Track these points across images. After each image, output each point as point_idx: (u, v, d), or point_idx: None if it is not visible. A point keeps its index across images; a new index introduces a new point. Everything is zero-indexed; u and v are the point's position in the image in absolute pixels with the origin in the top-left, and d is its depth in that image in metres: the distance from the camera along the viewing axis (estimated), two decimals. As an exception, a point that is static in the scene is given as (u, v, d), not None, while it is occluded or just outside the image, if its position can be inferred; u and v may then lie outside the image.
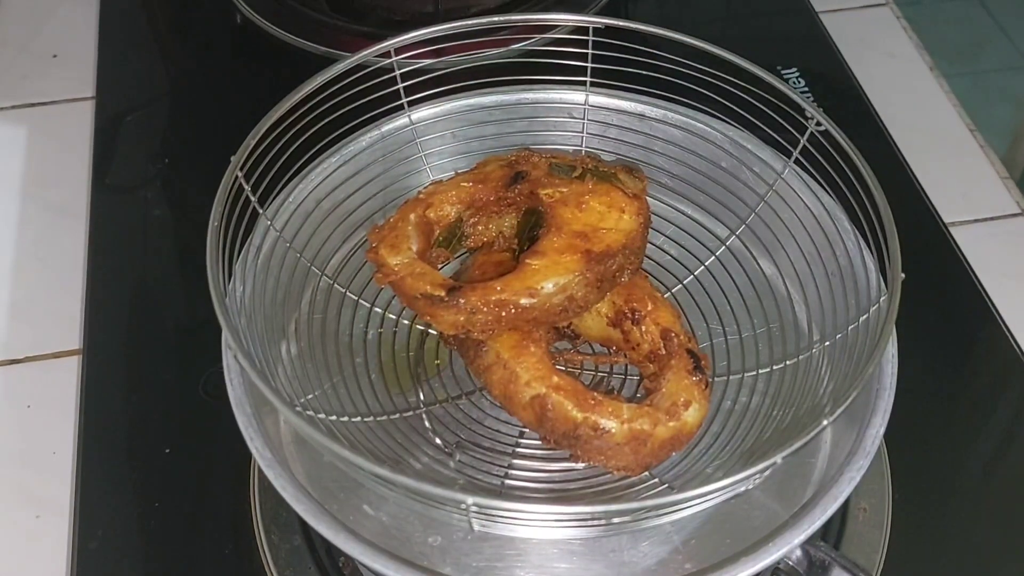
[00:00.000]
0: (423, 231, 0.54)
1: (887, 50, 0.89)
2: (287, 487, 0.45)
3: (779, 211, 0.57)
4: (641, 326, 0.52)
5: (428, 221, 0.54)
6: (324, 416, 0.50)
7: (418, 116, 0.60)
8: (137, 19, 0.91)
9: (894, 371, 0.49)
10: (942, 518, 0.59)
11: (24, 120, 0.82)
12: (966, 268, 0.71)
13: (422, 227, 0.54)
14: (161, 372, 0.65)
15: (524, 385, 0.49)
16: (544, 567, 0.48)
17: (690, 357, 0.51)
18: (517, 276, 0.50)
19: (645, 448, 0.48)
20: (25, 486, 0.61)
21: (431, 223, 0.54)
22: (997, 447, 0.62)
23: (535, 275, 0.50)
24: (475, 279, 0.53)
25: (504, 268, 0.53)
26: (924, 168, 0.77)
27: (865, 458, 0.46)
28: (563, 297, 0.50)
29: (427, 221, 0.54)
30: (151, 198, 0.76)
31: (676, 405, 0.49)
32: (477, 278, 0.53)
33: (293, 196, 0.56)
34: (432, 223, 0.54)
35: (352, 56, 0.55)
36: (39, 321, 0.69)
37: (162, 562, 0.57)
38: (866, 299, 0.51)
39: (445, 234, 0.55)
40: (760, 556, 0.43)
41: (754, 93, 0.56)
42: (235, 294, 0.50)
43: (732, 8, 0.95)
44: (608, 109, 0.61)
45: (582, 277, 0.50)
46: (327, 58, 0.84)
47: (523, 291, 0.49)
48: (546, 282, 0.49)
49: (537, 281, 0.49)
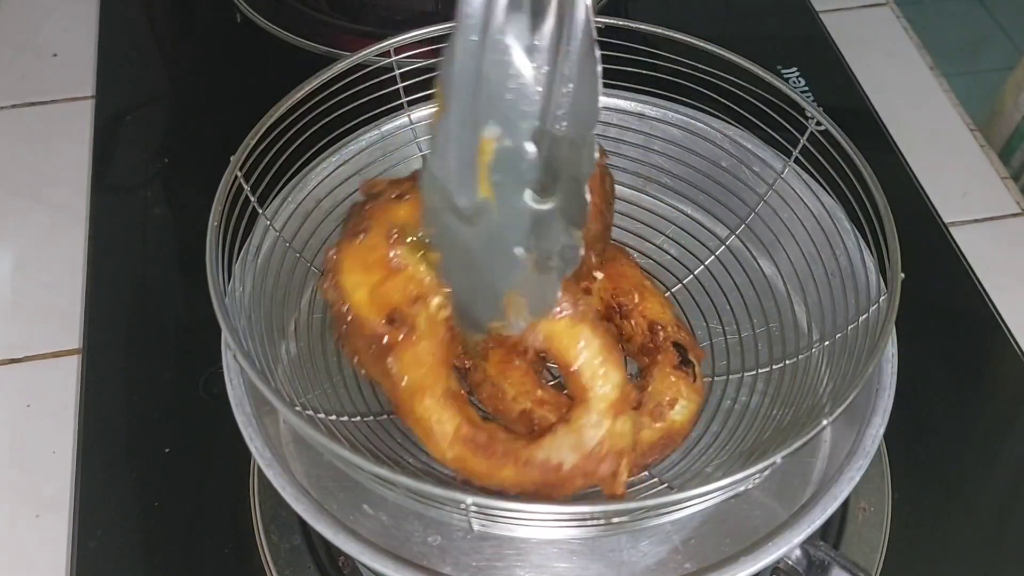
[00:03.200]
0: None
1: (887, 50, 0.89)
2: (287, 487, 0.45)
3: (779, 211, 0.57)
4: (630, 320, 0.52)
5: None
6: (324, 416, 0.50)
7: (418, 116, 0.60)
8: (137, 18, 0.91)
9: (894, 371, 0.49)
10: (942, 518, 0.59)
11: (24, 120, 0.82)
12: (966, 268, 0.71)
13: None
14: (161, 372, 0.65)
15: (511, 401, 0.49)
16: (544, 566, 0.48)
17: (676, 351, 0.51)
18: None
19: (635, 452, 0.48)
20: (25, 486, 0.61)
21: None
22: (997, 447, 0.62)
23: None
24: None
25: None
26: (924, 168, 0.77)
27: (865, 458, 0.46)
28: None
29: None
30: (151, 198, 0.76)
31: (661, 405, 0.49)
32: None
33: (293, 196, 0.56)
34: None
35: (352, 56, 0.55)
36: (39, 321, 0.69)
37: (162, 562, 0.57)
38: (866, 299, 0.51)
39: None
40: (760, 556, 0.43)
41: (754, 93, 0.56)
42: (235, 294, 0.50)
43: (732, 8, 0.95)
44: (608, 109, 0.61)
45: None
46: (327, 58, 0.84)
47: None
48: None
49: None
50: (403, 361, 0.45)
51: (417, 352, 0.45)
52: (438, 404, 0.45)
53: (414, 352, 0.45)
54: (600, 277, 0.54)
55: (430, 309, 0.45)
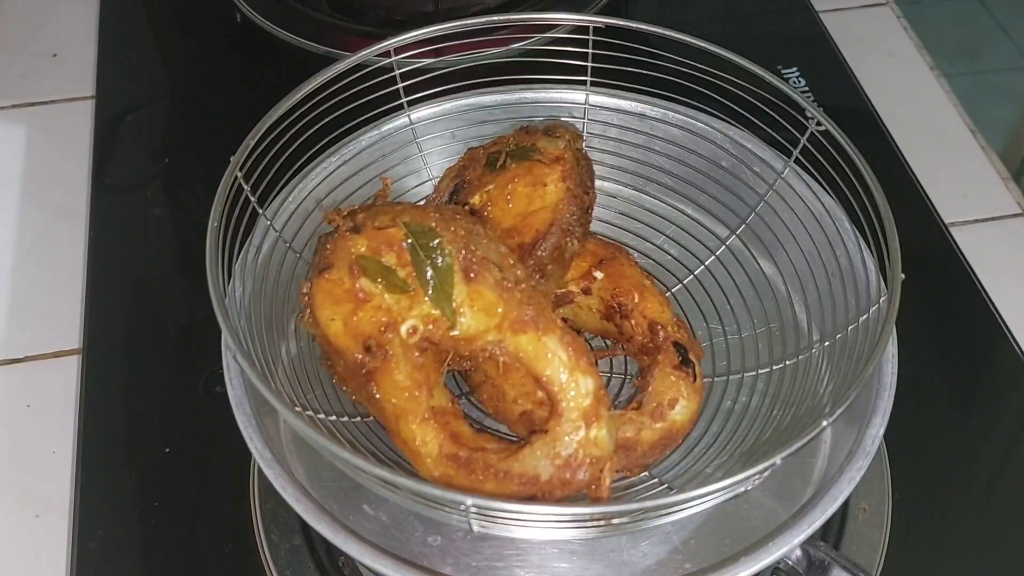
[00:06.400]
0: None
1: (887, 50, 0.89)
2: (287, 487, 0.45)
3: (779, 211, 0.57)
4: (630, 319, 0.52)
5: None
6: (324, 416, 0.50)
7: (418, 116, 0.60)
8: (137, 19, 0.91)
9: (894, 371, 0.49)
10: (942, 518, 0.59)
11: (24, 120, 0.82)
12: (966, 268, 0.71)
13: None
14: (161, 372, 0.65)
15: (511, 402, 0.49)
16: (544, 567, 0.48)
17: (676, 351, 0.51)
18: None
19: (636, 452, 0.48)
20: (25, 486, 0.61)
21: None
22: (997, 447, 0.62)
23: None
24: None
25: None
26: (924, 168, 0.77)
27: (865, 458, 0.46)
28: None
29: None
30: (151, 198, 0.76)
31: (661, 406, 0.49)
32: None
33: (293, 196, 0.56)
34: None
35: (352, 56, 0.55)
36: (39, 321, 0.69)
37: (162, 562, 0.57)
38: (866, 299, 0.51)
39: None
40: (760, 556, 0.43)
41: (754, 93, 0.56)
42: (235, 294, 0.50)
43: (732, 8, 0.95)
44: (608, 109, 0.61)
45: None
46: (327, 58, 0.84)
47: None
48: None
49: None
50: (384, 388, 0.46)
51: (395, 378, 0.45)
52: (421, 426, 0.46)
53: (392, 379, 0.46)
54: (600, 277, 0.54)
55: (401, 335, 0.46)
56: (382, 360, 0.46)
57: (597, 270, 0.54)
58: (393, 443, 0.47)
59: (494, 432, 0.51)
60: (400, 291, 0.46)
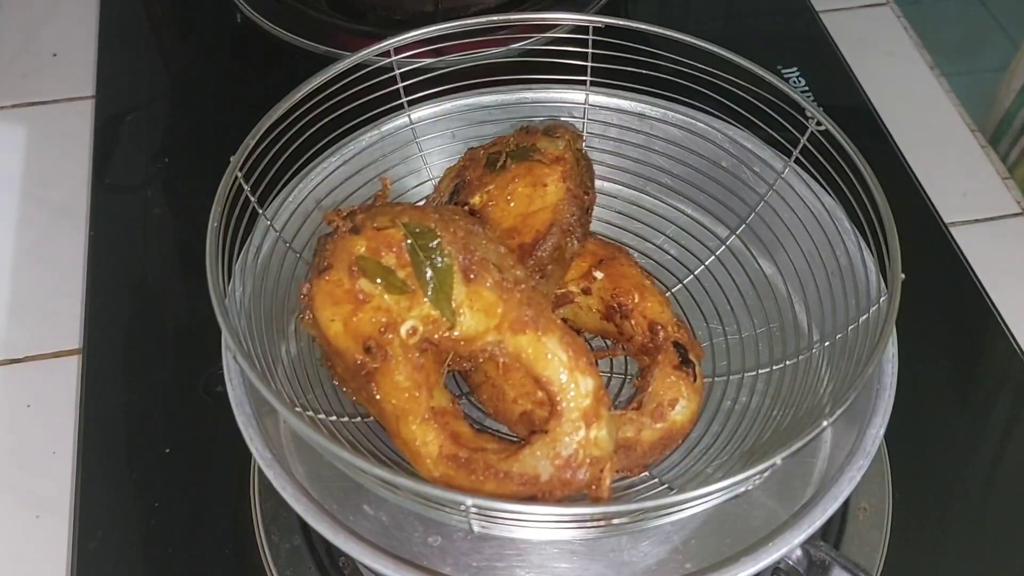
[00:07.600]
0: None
1: (887, 50, 0.89)
2: (287, 487, 0.45)
3: (779, 211, 0.57)
4: (630, 319, 0.52)
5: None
6: (324, 416, 0.50)
7: (418, 116, 0.60)
8: (137, 19, 0.91)
9: (894, 371, 0.49)
10: (942, 518, 0.59)
11: (24, 120, 0.82)
12: (966, 268, 0.71)
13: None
14: (161, 372, 0.65)
15: (511, 402, 0.49)
16: (544, 567, 0.48)
17: (676, 351, 0.51)
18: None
19: (636, 452, 0.48)
20: (25, 486, 0.61)
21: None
22: (997, 447, 0.62)
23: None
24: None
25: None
26: (924, 168, 0.77)
27: (865, 458, 0.46)
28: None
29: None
30: (151, 198, 0.76)
31: (662, 406, 0.49)
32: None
33: (293, 196, 0.56)
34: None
35: (352, 56, 0.55)
36: (39, 321, 0.69)
37: (162, 562, 0.57)
38: (866, 299, 0.51)
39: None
40: (760, 556, 0.43)
41: (754, 92, 0.56)
42: (235, 295, 0.50)
43: (732, 8, 0.95)
44: (608, 108, 0.61)
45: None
46: (327, 58, 0.84)
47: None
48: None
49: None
50: (383, 388, 0.46)
51: (395, 379, 0.46)
52: (421, 426, 0.46)
53: (392, 379, 0.46)
54: (600, 277, 0.54)
55: (401, 336, 0.46)
56: (382, 361, 0.46)
57: (597, 270, 0.54)
58: (393, 443, 0.47)
59: (494, 432, 0.51)
60: (400, 292, 0.46)
